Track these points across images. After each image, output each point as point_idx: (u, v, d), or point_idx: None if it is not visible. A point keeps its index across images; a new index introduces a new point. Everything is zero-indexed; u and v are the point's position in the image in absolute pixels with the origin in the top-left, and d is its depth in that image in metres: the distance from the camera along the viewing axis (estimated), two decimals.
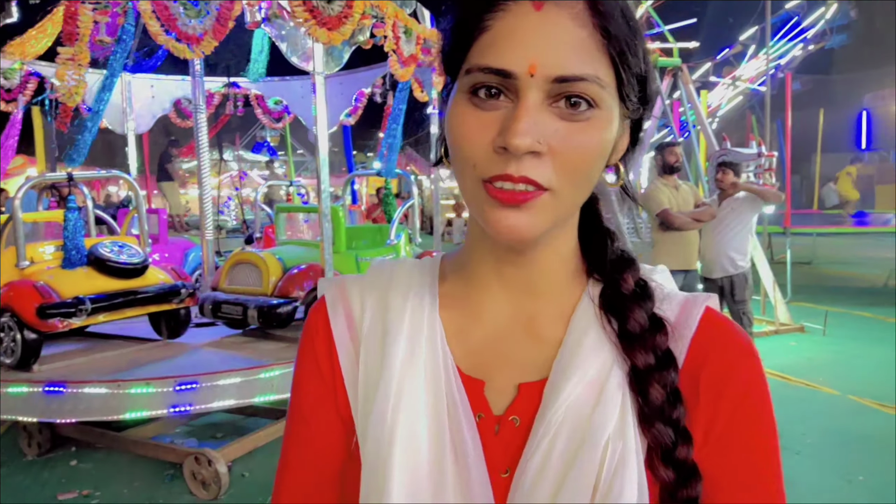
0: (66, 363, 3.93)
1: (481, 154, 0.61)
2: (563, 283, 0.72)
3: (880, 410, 4.91)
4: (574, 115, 0.61)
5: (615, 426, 0.64)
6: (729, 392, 0.67)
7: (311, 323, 0.77)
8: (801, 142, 15.52)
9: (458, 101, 0.64)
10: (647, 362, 0.66)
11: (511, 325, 0.72)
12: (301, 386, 0.76)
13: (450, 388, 0.68)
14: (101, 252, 3.94)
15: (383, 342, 0.70)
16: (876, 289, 10.38)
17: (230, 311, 4.31)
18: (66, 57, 3.25)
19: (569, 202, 0.64)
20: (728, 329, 0.71)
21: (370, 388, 0.69)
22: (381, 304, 0.74)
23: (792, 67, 16.27)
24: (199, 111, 5.37)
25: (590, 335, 0.68)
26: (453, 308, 0.73)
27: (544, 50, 0.59)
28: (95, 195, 16.50)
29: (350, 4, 3.51)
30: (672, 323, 0.69)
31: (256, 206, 7.72)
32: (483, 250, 0.71)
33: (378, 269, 0.79)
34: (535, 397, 0.67)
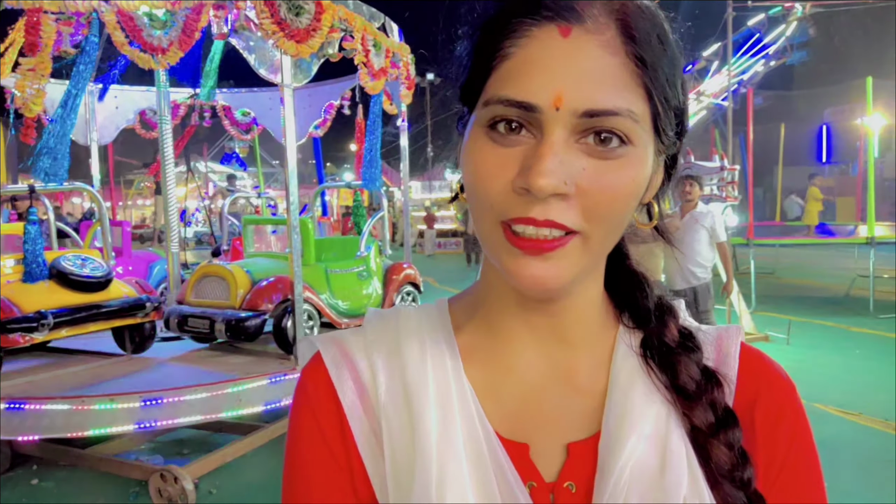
0: (27, 379, 3.84)
1: (501, 194, 0.55)
2: (595, 329, 0.66)
3: (843, 417, 5.02)
4: (604, 152, 0.54)
5: (688, 486, 0.58)
6: (782, 430, 0.64)
7: (309, 390, 0.66)
8: (763, 155, 15.90)
9: (476, 134, 0.57)
10: (708, 421, 0.61)
11: (546, 379, 0.65)
12: (307, 467, 0.64)
13: (495, 459, 0.60)
14: (64, 265, 3.87)
15: (409, 413, 0.61)
16: (838, 298, 10.63)
17: (197, 325, 4.26)
18: (27, 68, 3.19)
19: (599, 247, 0.58)
20: (768, 363, 0.68)
21: (402, 471, 0.60)
22: (395, 365, 0.64)
23: (754, 83, 16.66)
24: (164, 122, 5.32)
25: (637, 386, 0.63)
26: (478, 363, 0.65)
27: (571, 81, 0.53)
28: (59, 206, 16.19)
29: (318, 18, 3.51)
30: (713, 362, 0.65)
31: (223, 218, 7.65)
32: (505, 297, 0.64)
33: (379, 320, 0.69)
34: (589, 458, 0.61)
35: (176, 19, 3.35)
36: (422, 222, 21.00)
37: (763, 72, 17.57)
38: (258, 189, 12.74)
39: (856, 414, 5.02)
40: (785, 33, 16.43)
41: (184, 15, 3.35)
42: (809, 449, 0.65)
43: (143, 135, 7.36)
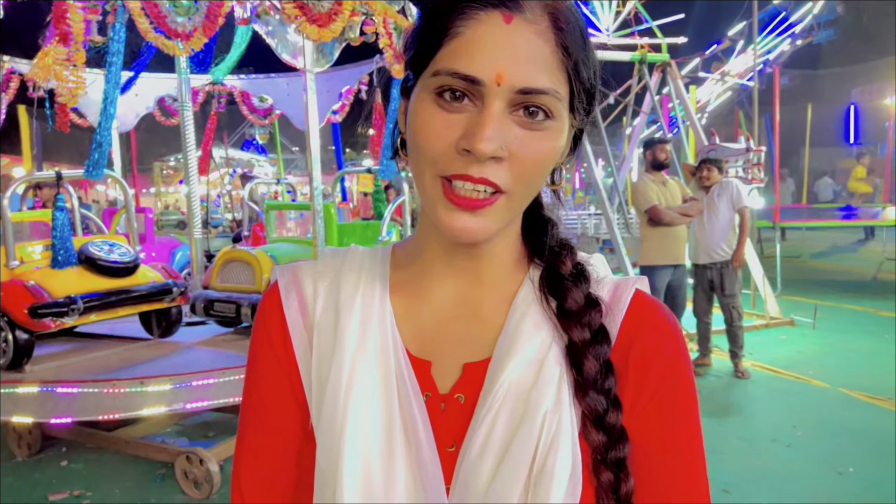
0: (58, 363, 3.91)
1: (444, 152, 0.65)
2: (507, 269, 0.76)
3: (871, 403, 4.96)
4: (532, 124, 0.65)
5: (552, 401, 0.68)
6: (655, 366, 0.72)
7: (265, 308, 0.79)
8: (790, 136, 15.59)
9: (423, 99, 0.66)
10: (583, 337, 0.71)
11: (457, 309, 0.76)
12: (256, 370, 0.78)
13: (399, 369, 0.71)
14: (92, 251, 3.92)
15: (336, 327, 0.73)
16: (865, 282, 10.47)
17: (223, 310, 4.30)
18: (62, 58, 3.23)
19: (520, 204, 0.69)
20: (655, 310, 0.76)
21: (323, 372, 0.72)
22: (333, 290, 0.76)
23: (780, 62, 16.34)
24: (185, 108, 5.34)
25: (530, 316, 0.73)
26: (403, 294, 0.77)
27: (511, 62, 0.63)
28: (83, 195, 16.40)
29: (340, 2, 3.50)
30: (606, 303, 0.74)
31: (244, 205, 7.69)
32: (434, 242, 0.75)
33: (330, 256, 0.81)
34: (480, 376, 0.71)
35: (199, 5, 3.36)
36: None
37: (789, 51, 17.22)
38: (278, 175, 12.78)
39: (885, 399, 4.95)
40: (812, 11, 16.07)
41: (207, 1, 3.36)
42: (683, 390, 0.73)
43: (163, 122, 7.39)
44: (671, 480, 0.72)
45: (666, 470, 0.72)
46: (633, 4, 10.70)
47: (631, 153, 11.30)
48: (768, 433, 4.44)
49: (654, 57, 9.27)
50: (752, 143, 8.00)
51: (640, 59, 9.10)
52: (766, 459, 4.03)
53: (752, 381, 5.58)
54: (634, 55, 9.16)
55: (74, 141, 13.36)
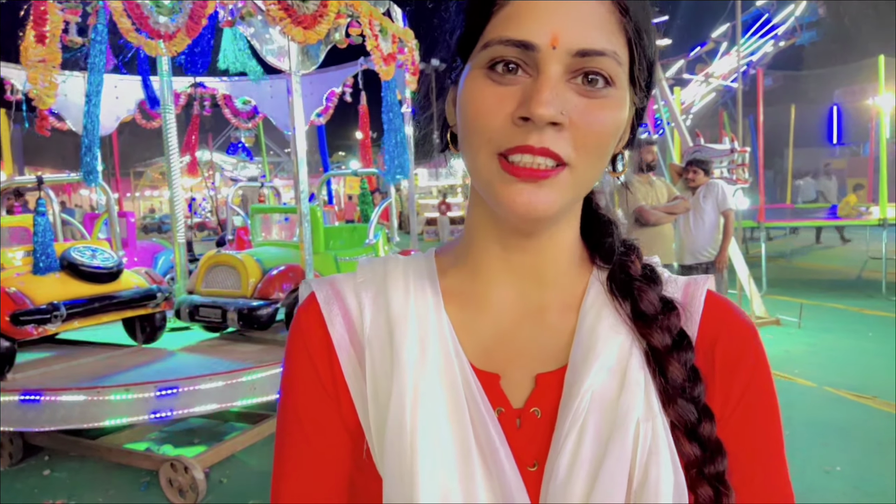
0: (40, 371, 3.86)
1: (499, 126, 0.60)
2: (569, 271, 0.71)
3: (856, 401, 4.99)
4: (592, 91, 0.60)
5: (643, 409, 0.63)
6: (742, 369, 0.69)
7: (302, 325, 0.72)
8: (774, 137, 15.74)
9: (474, 76, 0.62)
10: (665, 342, 0.66)
11: (521, 315, 0.70)
12: (298, 395, 0.70)
13: (467, 386, 0.65)
14: (74, 257, 3.87)
15: (391, 344, 0.67)
16: (849, 281, 10.56)
17: (208, 315, 4.26)
18: (37, 59, 3.17)
19: (585, 180, 0.64)
20: (732, 309, 0.72)
21: (381, 395, 0.66)
22: (381, 303, 0.70)
23: (763, 64, 16.50)
24: (167, 111, 5.30)
25: (604, 321, 0.68)
26: (458, 302, 0.71)
27: (566, 23, 0.59)
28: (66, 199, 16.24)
29: (325, 3, 3.48)
30: (680, 303, 0.69)
31: (228, 208, 7.64)
32: (488, 239, 0.70)
33: (369, 266, 0.75)
34: (555, 387, 0.66)
35: (182, 6, 3.33)
36: (429, 210, 20.93)
37: (772, 52, 17.41)
38: (264, 178, 12.72)
39: (870, 398, 4.98)
40: (794, 13, 16.26)
41: (191, 2, 3.33)
42: (768, 393, 0.70)
43: (144, 125, 7.30)
44: (762, 490, 0.68)
45: (757, 479, 0.68)
46: None
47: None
48: None
49: None
50: (737, 144, 8.06)
51: None
52: None
53: None
54: None
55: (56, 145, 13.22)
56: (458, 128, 0.66)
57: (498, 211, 0.64)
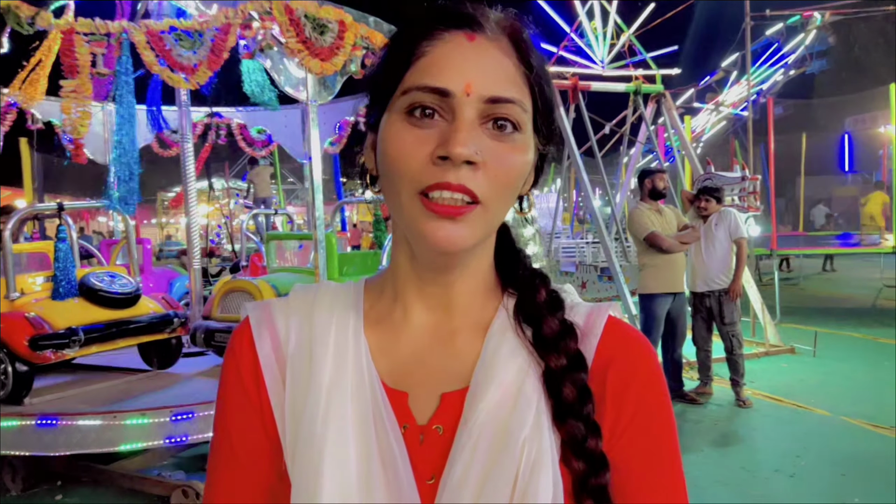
0: (57, 395, 3.89)
1: (419, 166, 0.65)
2: (480, 298, 0.77)
3: (873, 431, 4.93)
4: (501, 135, 0.67)
5: (530, 427, 0.68)
6: (632, 389, 0.73)
7: (235, 346, 0.78)
8: (785, 165, 15.72)
9: (394, 120, 0.68)
10: (560, 364, 0.71)
11: (432, 339, 0.76)
12: (227, 410, 0.77)
13: (375, 402, 0.70)
14: (93, 282, 3.93)
15: (310, 363, 0.72)
16: (864, 309, 10.47)
17: (224, 340, 4.28)
18: (69, 90, 3.28)
19: (496, 216, 0.69)
20: (629, 333, 0.77)
21: (297, 408, 0.71)
22: (306, 325, 0.75)
23: (773, 92, 16.52)
24: (185, 140, 5.39)
25: (506, 344, 0.73)
26: (377, 326, 0.76)
27: (478, 73, 0.66)
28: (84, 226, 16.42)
29: (341, 36, 3.57)
30: (581, 329, 0.74)
31: (242, 235, 7.71)
32: (407, 271, 0.75)
33: (302, 291, 0.80)
34: (458, 406, 0.71)
35: (204, 39, 3.42)
36: None
37: (783, 81, 17.44)
38: (278, 205, 12.84)
39: (888, 428, 4.92)
40: (804, 42, 16.31)
41: (212, 35, 3.42)
42: (661, 409, 0.74)
43: (161, 153, 7.42)
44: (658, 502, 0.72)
45: (648, 493, 0.71)
46: (627, 37, 10.86)
47: (627, 182, 11.37)
48: (771, 463, 4.41)
49: (649, 88, 9.40)
50: (748, 172, 8.08)
51: (634, 90, 9.24)
52: (769, 490, 3.99)
53: (753, 410, 5.55)
54: (629, 86, 9.29)
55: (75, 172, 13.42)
56: (378, 170, 0.72)
57: (418, 246, 0.70)
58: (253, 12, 3.43)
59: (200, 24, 3.47)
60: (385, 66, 0.71)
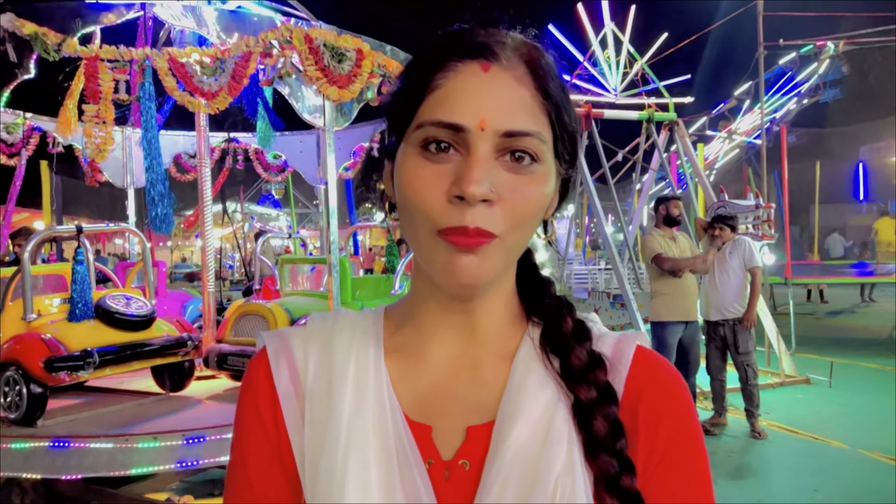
0: (70, 418, 3.89)
1: (436, 204, 0.64)
2: (504, 327, 0.75)
3: (891, 465, 4.85)
4: (519, 168, 0.65)
5: (563, 463, 0.66)
6: (665, 424, 0.70)
7: (251, 376, 0.76)
8: (799, 193, 15.68)
9: (409, 154, 0.67)
10: (590, 396, 0.68)
11: (455, 369, 0.73)
12: (243, 441, 0.74)
13: (398, 436, 0.68)
14: (109, 304, 3.95)
15: (329, 394, 0.70)
16: (881, 339, 10.35)
17: (237, 363, 4.29)
18: (91, 114, 3.36)
19: (514, 248, 0.68)
20: (660, 363, 0.75)
21: (317, 442, 0.69)
22: (325, 355, 0.73)
23: (787, 121, 16.54)
24: (203, 165, 5.46)
25: (533, 375, 0.71)
26: (399, 356, 0.74)
27: (493, 107, 0.64)
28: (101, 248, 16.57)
29: (359, 64, 3.62)
30: (609, 359, 0.72)
31: (255, 258, 7.76)
32: (429, 299, 0.73)
33: (320, 319, 0.78)
34: (484, 440, 0.68)
35: (226, 66, 3.49)
36: None
37: (796, 110, 17.46)
38: (291, 229, 12.92)
39: None
40: (818, 71, 16.36)
41: (233, 62, 3.49)
42: (694, 446, 0.71)
43: (178, 178, 7.52)
44: None
45: None
46: (640, 65, 10.95)
47: (640, 209, 11.38)
48: (787, 496, 4.34)
49: (662, 116, 9.45)
50: (762, 200, 8.06)
51: (647, 117, 9.29)
52: None
53: (769, 442, 5.48)
54: (642, 114, 9.35)
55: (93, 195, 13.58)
56: (396, 201, 0.71)
57: (440, 280, 0.68)
58: (274, 41, 3.50)
59: (222, 52, 3.54)
60: (400, 96, 0.70)
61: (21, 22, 3.35)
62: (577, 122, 0.71)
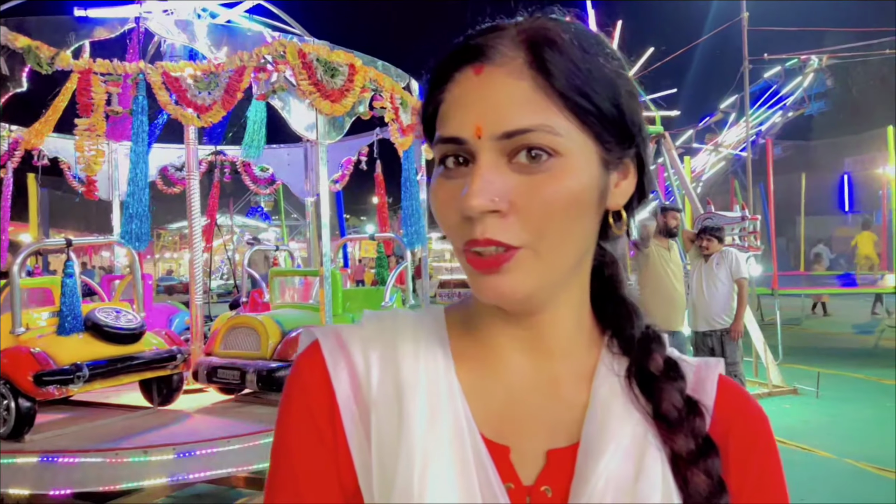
0: (58, 432, 3.85)
1: (455, 222, 0.62)
2: (576, 343, 0.69)
3: (878, 474, 4.89)
4: (534, 167, 0.59)
5: (660, 496, 0.62)
6: (754, 462, 0.68)
7: (303, 375, 0.68)
8: (785, 205, 15.84)
9: (435, 173, 0.65)
10: (689, 448, 0.64)
11: (532, 386, 0.68)
12: (293, 449, 0.67)
13: (478, 457, 0.62)
14: (99, 317, 3.93)
15: (399, 405, 0.64)
16: (866, 349, 10.44)
17: (226, 376, 4.27)
18: (83, 128, 3.36)
19: (552, 258, 0.62)
20: (744, 395, 0.72)
21: (387, 460, 0.62)
22: (389, 363, 0.67)
23: (772, 134, 16.73)
24: (192, 178, 5.46)
25: (617, 400, 0.66)
26: (467, 366, 0.68)
27: (486, 111, 0.59)
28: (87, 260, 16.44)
29: (351, 79, 3.66)
30: (691, 388, 0.68)
31: (243, 270, 7.73)
32: (491, 310, 0.68)
33: (377, 320, 0.72)
34: (566, 465, 0.64)
35: (220, 80, 3.51)
36: (442, 273, 21.14)
37: (781, 122, 17.67)
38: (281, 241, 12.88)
39: (890, 471, 4.88)
40: (802, 84, 16.58)
41: (227, 77, 3.51)
42: (779, 483, 0.69)
43: (165, 190, 7.50)
44: None
45: None
46: None
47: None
48: None
49: (649, 129, 9.51)
50: (748, 212, 8.15)
51: None
52: None
53: None
54: None
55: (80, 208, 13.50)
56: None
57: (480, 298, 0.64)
58: (267, 55, 3.52)
59: (216, 66, 3.56)
60: (421, 116, 0.68)
61: (14, 35, 3.36)
62: (619, 91, 0.63)
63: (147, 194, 4.01)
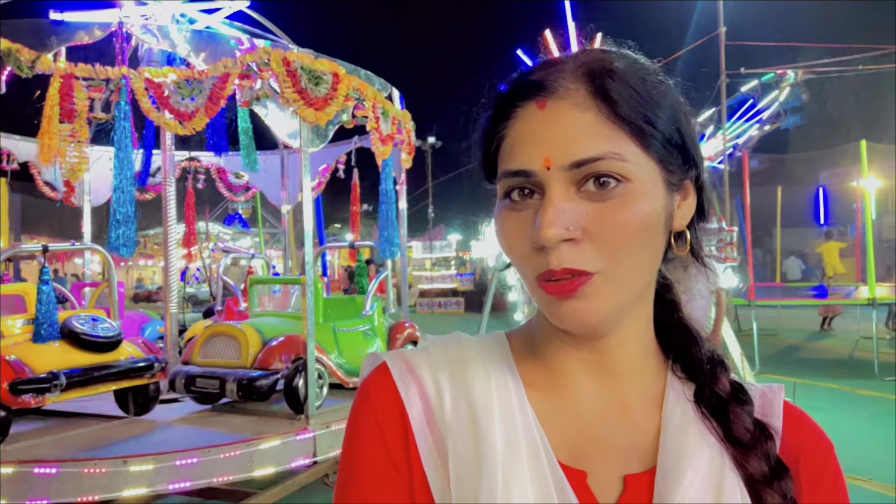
0: (33, 442, 3.78)
1: (526, 254, 0.63)
2: (643, 367, 0.70)
3: (852, 483, 4.94)
4: (603, 194, 0.61)
5: None
6: (823, 488, 0.70)
7: (372, 399, 0.68)
8: (762, 217, 16.06)
9: (499, 206, 0.66)
10: (763, 471, 0.65)
11: (603, 410, 0.69)
12: (365, 474, 0.66)
13: (558, 482, 0.63)
14: (76, 325, 3.87)
15: (475, 433, 0.64)
16: (842, 360, 10.58)
17: (205, 385, 4.22)
18: (66, 134, 3.32)
19: (625, 281, 0.63)
20: (810, 422, 0.73)
21: (467, 486, 0.62)
22: (459, 385, 0.67)
23: (749, 147, 16.98)
24: (168, 184, 5.41)
25: (691, 427, 0.67)
26: (538, 391, 0.69)
27: (554, 143, 0.61)
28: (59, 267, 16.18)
29: (335, 87, 3.66)
30: (758, 413, 0.69)
31: (218, 279, 7.64)
32: (556, 334, 0.69)
33: (441, 343, 0.73)
34: (644, 490, 0.64)
35: (203, 87, 3.49)
36: (423, 281, 21.09)
37: (758, 136, 17.94)
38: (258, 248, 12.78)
39: (865, 480, 4.94)
40: (778, 98, 16.85)
41: (210, 83, 3.49)
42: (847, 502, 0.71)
43: (138, 196, 7.38)
44: None
45: None
46: None
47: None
48: None
49: None
50: (725, 224, 8.24)
51: None
52: None
53: None
54: None
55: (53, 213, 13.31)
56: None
57: (555, 324, 0.65)
58: (252, 63, 3.51)
59: (200, 73, 3.54)
60: (480, 149, 0.69)
61: None
62: (679, 115, 0.66)
63: (133, 201, 3.97)
